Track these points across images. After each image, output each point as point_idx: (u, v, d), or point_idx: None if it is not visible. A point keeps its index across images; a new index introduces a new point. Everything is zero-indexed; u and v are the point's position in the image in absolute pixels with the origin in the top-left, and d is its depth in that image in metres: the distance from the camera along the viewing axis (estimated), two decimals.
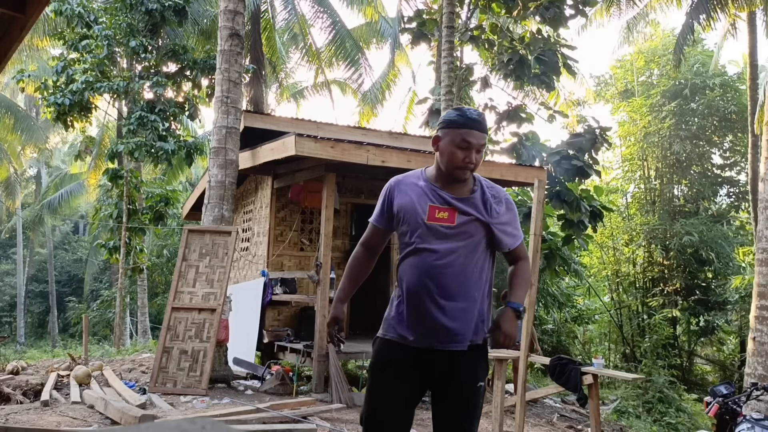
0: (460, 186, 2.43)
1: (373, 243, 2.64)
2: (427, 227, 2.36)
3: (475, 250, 2.38)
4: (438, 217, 2.36)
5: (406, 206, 2.42)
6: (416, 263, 2.36)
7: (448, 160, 2.37)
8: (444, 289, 2.33)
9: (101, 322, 23.12)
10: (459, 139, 2.34)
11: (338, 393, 6.39)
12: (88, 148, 17.10)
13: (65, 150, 31.11)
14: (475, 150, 2.36)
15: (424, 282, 2.34)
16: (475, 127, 2.36)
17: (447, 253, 2.33)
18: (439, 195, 2.40)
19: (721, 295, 16.32)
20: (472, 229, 2.37)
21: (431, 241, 2.35)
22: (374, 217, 2.57)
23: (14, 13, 3.14)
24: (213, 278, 7.02)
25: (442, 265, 2.33)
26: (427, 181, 2.45)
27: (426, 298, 2.33)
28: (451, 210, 2.38)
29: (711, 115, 18.14)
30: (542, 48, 12.43)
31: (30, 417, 5.20)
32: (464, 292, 2.34)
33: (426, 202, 2.39)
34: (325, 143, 6.68)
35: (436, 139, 2.44)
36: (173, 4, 12.62)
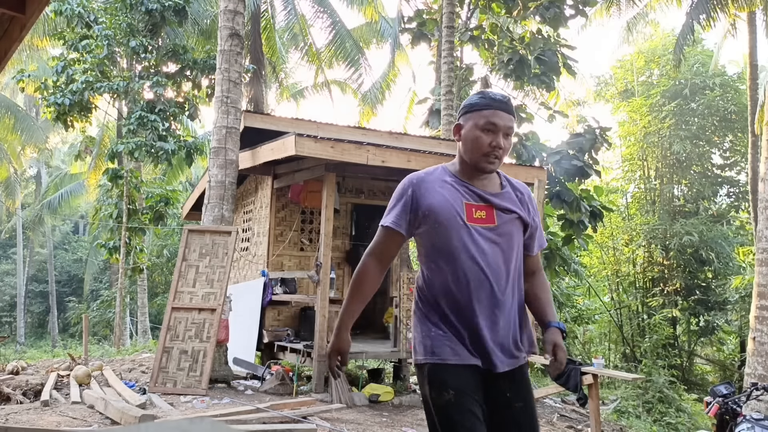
0: (488, 181, 2.15)
1: (389, 253, 2.21)
2: (469, 229, 2.04)
3: (517, 254, 2.12)
4: (477, 217, 2.07)
5: (438, 206, 2.07)
6: (458, 272, 2.03)
7: (472, 147, 2.08)
8: (495, 300, 2.03)
9: (101, 322, 23.12)
10: (483, 122, 2.06)
11: (338, 393, 6.40)
12: (88, 148, 17.10)
13: (65, 150, 31.10)
14: (502, 133, 2.06)
15: (473, 294, 2.02)
16: (501, 108, 2.07)
17: (492, 259, 2.03)
18: (473, 191, 2.10)
19: (721, 295, 16.33)
20: (513, 229, 2.10)
21: (473, 245, 2.03)
22: (392, 220, 2.14)
23: (14, 13, 3.14)
24: (213, 278, 7.02)
25: (490, 273, 2.02)
26: (454, 176, 2.14)
27: (478, 311, 2.02)
28: (488, 208, 2.09)
29: (711, 115, 18.14)
30: (542, 48, 12.44)
31: (30, 417, 5.20)
32: (510, 303, 2.08)
33: (461, 200, 2.08)
34: (325, 143, 6.68)
35: (458, 128, 2.15)
36: (173, 4, 12.63)
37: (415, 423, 5.85)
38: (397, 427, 5.60)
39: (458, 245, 2.03)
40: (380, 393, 6.85)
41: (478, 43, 13.25)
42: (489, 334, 2.02)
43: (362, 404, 6.52)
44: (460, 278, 2.02)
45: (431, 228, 2.08)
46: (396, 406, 6.72)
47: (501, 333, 2.05)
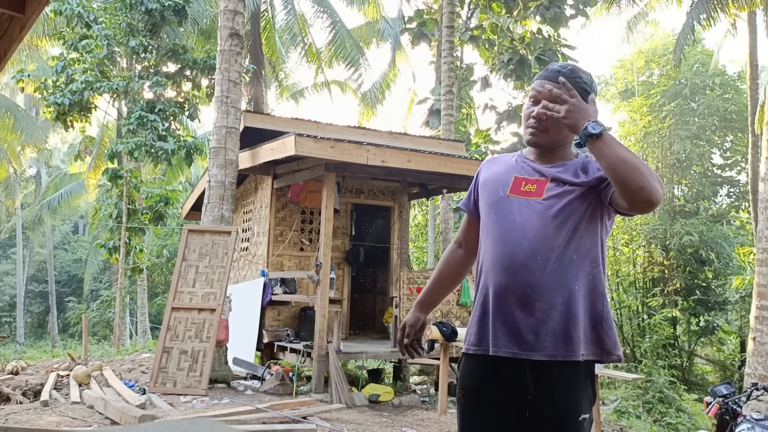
0: (557, 158, 1.93)
1: (466, 237, 2.10)
2: (509, 201, 1.87)
3: (572, 230, 1.81)
4: (524, 190, 1.87)
5: (486, 179, 1.97)
6: (496, 249, 1.85)
7: (524, 120, 1.97)
8: (530, 282, 1.78)
9: (101, 322, 23.12)
10: (530, 93, 1.94)
11: (338, 393, 6.39)
12: (87, 147, 17.11)
13: (65, 150, 31.11)
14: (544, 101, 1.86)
15: (508, 273, 1.81)
16: (547, 77, 1.89)
17: (533, 234, 1.80)
18: (530, 166, 1.93)
19: (721, 295, 16.33)
20: (567, 202, 1.82)
21: (513, 220, 1.84)
22: (463, 201, 2.10)
23: (14, 13, 3.13)
24: (213, 278, 7.02)
25: (528, 250, 1.79)
26: (521, 156, 2.00)
27: (509, 293, 1.80)
28: (541, 181, 1.88)
29: (711, 114, 18.14)
30: (542, 48, 12.44)
31: (30, 417, 5.19)
32: (559, 285, 1.78)
33: (512, 174, 1.93)
34: (325, 143, 6.67)
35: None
36: (173, 4, 12.62)
37: (415, 423, 5.85)
38: (396, 428, 5.59)
39: (493, 218, 1.89)
40: (380, 393, 6.85)
41: (478, 43, 13.25)
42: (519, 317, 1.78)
43: (362, 404, 6.51)
44: (493, 255, 1.86)
45: (481, 205, 1.98)
46: (396, 407, 6.71)
47: (538, 317, 1.77)
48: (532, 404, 1.77)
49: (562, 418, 1.76)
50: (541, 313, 1.77)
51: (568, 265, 1.80)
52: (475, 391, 1.88)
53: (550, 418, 1.76)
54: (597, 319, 1.82)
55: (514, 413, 1.80)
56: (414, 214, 18.16)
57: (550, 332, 1.76)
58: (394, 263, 9.22)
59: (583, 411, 1.79)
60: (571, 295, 1.78)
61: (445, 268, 2.14)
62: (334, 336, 7.10)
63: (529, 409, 1.78)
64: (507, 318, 1.80)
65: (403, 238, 9.37)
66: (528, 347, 1.77)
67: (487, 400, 1.85)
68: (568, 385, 1.78)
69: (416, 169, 7.21)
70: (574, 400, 1.78)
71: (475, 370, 1.89)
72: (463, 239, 2.12)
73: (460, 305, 7.56)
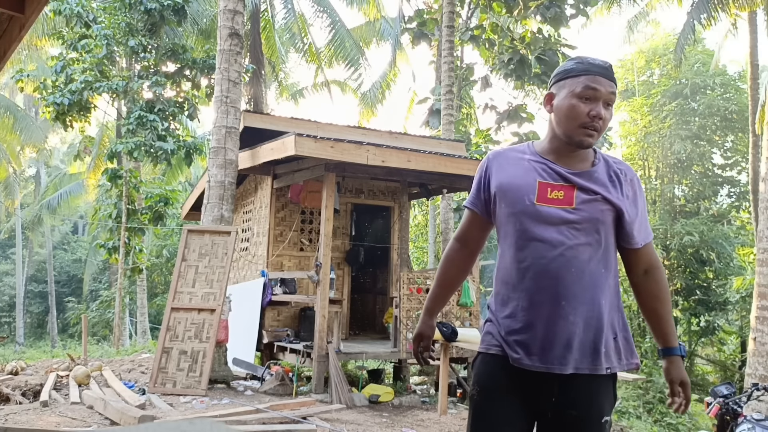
0: (578, 158, 1.88)
1: (470, 235, 2.04)
2: (537, 211, 1.80)
3: (601, 242, 1.82)
4: (551, 198, 1.81)
5: (506, 184, 1.87)
6: (525, 259, 1.80)
7: (567, 117, 1.82)
8: (564, 294, 1.77)
9: (100, 323, 23.11)
10: (581, 87, 1.81)
11: (338, 393, 6.38)
12: (87, 147, 17.10)
13: (64, 150, 31.10)
14: (603, 102, 1.81)
15: (539, 285, 1.78)
16: (602, 73, 1.82)
17: (565, 245, 1.77)
18: (551, 169, 1.85)
19: (721, 295, 16.32)
20: (597, 213, 1.80)
21: (544, 229, 1.79)
22: (469, 200, 2.01)
23: (13, 13, 3.11)
24: (212, 278, 7.00)
25: (561, 262, 1.77)
26: (535, 154, 1.91)
27: (542, 305, 1.78)
28: (568, 188, 1.82)
29: (712, 114, 18.13)
30: (543, 47, 12.43)
31: (29, 417, 5.17)
32: (589, 298, 1.78)
33: (534, 179, 1.84)
34: (324, 143, 6.66)
35: (549, 98, 1.91)
36: (172, 4, 12.61)
37: (415, 423, 5.83)
38: (396, 428, 5.58)
39: (522, 228, 1.81)
40: (380, 393, 6.84)
41: (478, 43, 13.24)
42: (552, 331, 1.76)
43: (362, 405, 6.50)
44: (522, 265, 1.80)
45: (500, 210, 1.89)
46: (396, 407, 6.70)
47: (570, 330, 1.76)
48: (555, 406, 1.80)
49: (585, 420, 1.81)
50: (573, 326, 1.77)
51: (597, 277, 1.80)
52: (495, 390, 1.85)
53: (573, 420, 1.80)
54: (619, 331, 1.86)
55: (533, 414, 1.84)
56: (414, 214, 18.15)
57: (579, 345, 1.78)
58: (394, 263, 9.21)
59: (606, 413, 1.84)
60: (600, 309, 1.80)
61: (450, 268, 2.07)
62: (334, 336, 7.08)
63: (551, 411, 1.81)
64: (539, 330, 1.78)
65: (403, 238, 9.36)
66: (559, 361, 1.77)
67: (506, 400, 1.83)
68: (593, 392, 1.81)
69: (416, 169, 7.19)
70: (598, 403, 1.82)
71: (497, 370, 1.85)
72: (467, 237, 2.05)
73: (460, 305, 7.55)
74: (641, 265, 1.92)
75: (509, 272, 1.85)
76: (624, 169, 1.91)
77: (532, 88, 14.65)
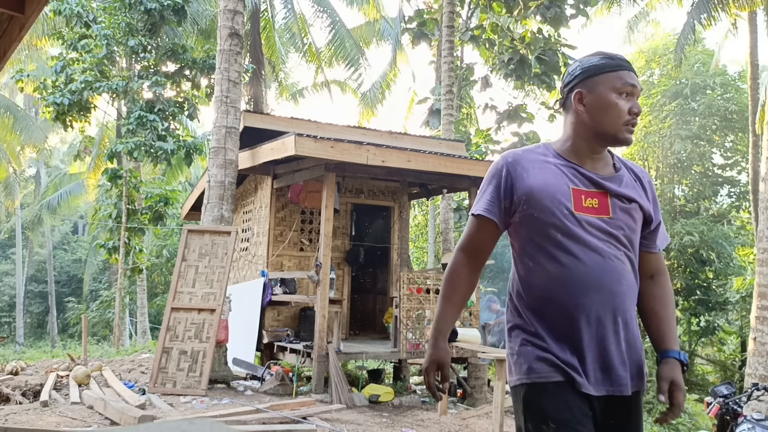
0: (602, 161, 1.79)
1: (482, 246, 1.83)
2: (577, 220, 1.68)
3: (635, 251, 1.76)
4: (587, 206, 1.70)
5: (539, 189, 1.71)
6: (565, 273, 1.67)
7: (608, 116, 1.71)
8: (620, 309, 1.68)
9: (100, 323, 23.11)
10: (621, 84, 1.71)
11: (338, 393, 6.38)
12: (87, 147, 17.11)
13: (64, 150, 31.10)
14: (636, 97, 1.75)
15: (594, 300, 1.65)
16: (631, 69, 1.75)
17: (613, 258, 1.69)
18: (582, 174, 1.74)
19: (721, 295, 16.33)
20: (631, 221, 1.73)
21: (588, 240, 1.67)
22: (484, 207, 1.78)
23: (13, 13, 3.11)
24: (212, 278, 7.01)
25: (614, 276, 1.67)
26: (558, 156, 1.78)
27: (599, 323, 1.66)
28: (602, 195, 1.72)
29: (712, 114, 18.14)
30: (543, 47, 12.43)
31: (29, 417, 5.17)
32: (633, 312, 1.72)
33: (567, 185, 1.72)
34: (324, 143, 6.66)
35: (579, 97, 1.75)
36: (172, 4, 12.61)
37: (415, 423, 5.83)
38: (397, 428, 5.58)
39: (563, 241, 1.67)
40: (380, 393, 6.84)
41: (478, 43, 13.24)
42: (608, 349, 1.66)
43: (362, 405, 6.50)
44: (567, 280, 1.67)
45: (529, 218, 1.72)
46: (396, 407, 6.70)
47: (623, 347, 1.68)
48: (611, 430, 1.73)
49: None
50: (626, 343, 1.70)
51: (635, 290, 1.75)
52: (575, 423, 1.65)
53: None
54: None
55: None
56: (414, 214, 18.15)
57: (632, 363, 1.71)
58: (394, 263, 9.21)
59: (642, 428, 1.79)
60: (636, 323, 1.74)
61: (460, 284, 1.84)
62: (334, 336, 7.08)
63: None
64: (599, 350, 1.66)
65: (403, 238, 9.36)
66: (621, 382, 1.68)
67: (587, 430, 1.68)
68: (640, 411, 1.76)
69: (416, 169, 7.19)
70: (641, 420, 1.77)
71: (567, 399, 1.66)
72: (477, 248, 1.83)
73: None
74: (650, 270, 1.85)
75: (551, 288, 1.68)
76: (640, 172, 1.85)
77: (532, 88, 14.64)
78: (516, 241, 1.79)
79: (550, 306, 1.69)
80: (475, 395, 7.84)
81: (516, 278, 1.79)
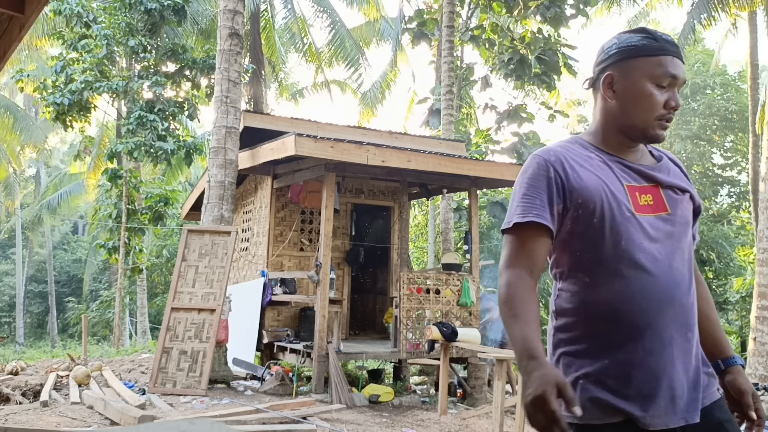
0: (639, 151, 1.57)
1: (538, 261, 1.49)
2: (639, 222, 1.45)
3: (690, 251, 1.53)
4: (643, 204, 1.47)
5: (594, 190, 1.46)
6: (632, 285, 1.42)
7: (640, 108, 1.48)
8: (691, 324, 1.46)
9: (100, 323, 23.11)
10: (660, 71, 1.47)
11: (338, 393, 6.38)
12: (87, 147, 17.11)
13: (64, 150, 31.10)
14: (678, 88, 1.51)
15: (667, 317, 1.41)
16: (677, 54, 1.50)
17: (679, 264, 1.46)
18: (630, 168, 1.52)
19: (721, 295, 16.32)
20: (687, 214, 1.53)
21: (652, 246, 1.44)
22: (534, 212, 1.47)
23: (13, 13, 3.11)
24: (212, 278, 7.01)
25: (684, 288, 1.45)
26: (598, 149, 1.55)
27: (673, 342, 1.42)
28: (654, 189, 1.50)
29: (712, 114, 18.15)
30: (543, 47, 12.43)
31: (29, 417, 5.17)
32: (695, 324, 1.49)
33: (619, 182, 1.49)
34: (324, 143, 6.66)
35: (609, 80, 1.52)
36: (172, 4, 12.62)
37: (415, 423, 5.83)
38: (396, 428, 5.58)
39: (628, 248, 1.43)
40: (380, 393, 6.84)
41: (478, 43, 13.24)
42: (682, 372, 1.43)
43: (362, 405, 6.50)
44: (636, 296, 1.41)
45: (584, 224, 1.46)
46: (396, 407, 6.70)
47: (693, 365, 1.46)
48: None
49: None
50: (695, 359, 1.47)
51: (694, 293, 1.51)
52: None
53: None
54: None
55: None
56: (414, 214, 18.15)
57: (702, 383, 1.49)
58: (394, 263, 9.21)
59: None
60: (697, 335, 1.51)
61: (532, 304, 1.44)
62: (334, 336, 7.08)
63: None
64: (674, 374, 1.42)
65: (403, 238, 9.36)
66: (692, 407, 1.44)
67: None
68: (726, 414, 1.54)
69: (416, 169, 7.19)
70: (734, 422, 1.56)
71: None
72: (535, 263, 1.48)
73: (460, 305, 7.55)
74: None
75: (616, 305, 1.42)
76: (675, 159, 1.64)
77: (532, 88, 14.64)
78: (564, 253, 1.52)
79: (614, 327, 1.42)
80: (475, 395, 7.84)
81: (564, 296, 1.51)
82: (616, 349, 1.42)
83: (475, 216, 8.25)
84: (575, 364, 1.46)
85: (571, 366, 1.47)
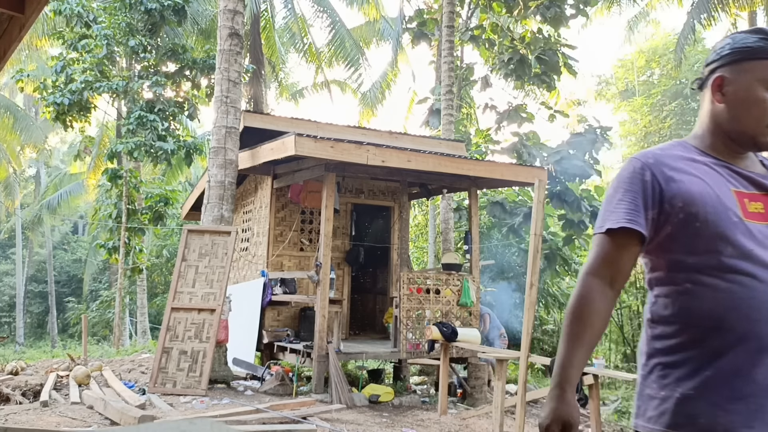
0: (747, 157, 1.51)
1: (623, 270, 1.47)
2: (749, 230, 1.38)
3: None
4: (752, 211, 1.41)
5: (699, 194, 1.40)
6: (741, 295, 1.35)
7: (750, 114, 1.42)
8: None
9: (100, 323, 23.11)
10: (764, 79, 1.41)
11: (338, 393, 6.38)
12: (87, 147, 17.11)
13: (64, 150, 31.10)
14: None
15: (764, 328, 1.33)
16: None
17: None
18: (739, 174, 1.46)
19: None
20: None
21: (757, 254, 1.37)
22: (626, 217, 1.43)
23: (13, 13, 3.11)
24: (212, 278, 7.01)
25: None
26: (704, 153, 1.48)
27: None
28: (764, 197, 1.44)
29: None
30: (543, 47, 12.43)
31: (29, 417, 5.18)
32: None
33: (727, 188, 1.42)
34: (324, 143, 6.66)
35: (718, 83, 1.46)
36: (172, 4, 12.62)
37: (415, 423, 5.83)
38: (397, 428, 5.58)
39: (735, 255, 1.36)
40: (380, 393, 6.84)
41: (478, 43, 13.24)
42: None
43: (362, 405, 6.50)
44: (743, 305, 1.34)
45: (688, 230, 1.40)
46: (396, 407, 6.70)
47: None
48: None
49: None
50: None
51: None
52: None
53: None
54: None
55: None
56: (414, 214, 18.15)
57: None
58: (394, 263, 9.21)
59: None
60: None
61: (596, 320, 1.42)
62: (334, 336, 7.08)
63: None
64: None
65: (403, 238, 9.36)
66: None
67: None
68: None
69: (416, 169, 7.19)
70: None
71: None
72: (618, 275, 1.46)
73: (460, 305, 7.55)
74: None
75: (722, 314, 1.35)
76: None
77: (532, 88, 14.63)
78: (662, 258, 1.46)
79: (719, 337, 1.35)
80: (475, 395, 7.84)
81: (662, 303, 1.45)
82: (719, 360, 1.34)
83: (475, 216, 8.25)
84: (671, 376, 1.39)
85: (666, 377, 1.40)
